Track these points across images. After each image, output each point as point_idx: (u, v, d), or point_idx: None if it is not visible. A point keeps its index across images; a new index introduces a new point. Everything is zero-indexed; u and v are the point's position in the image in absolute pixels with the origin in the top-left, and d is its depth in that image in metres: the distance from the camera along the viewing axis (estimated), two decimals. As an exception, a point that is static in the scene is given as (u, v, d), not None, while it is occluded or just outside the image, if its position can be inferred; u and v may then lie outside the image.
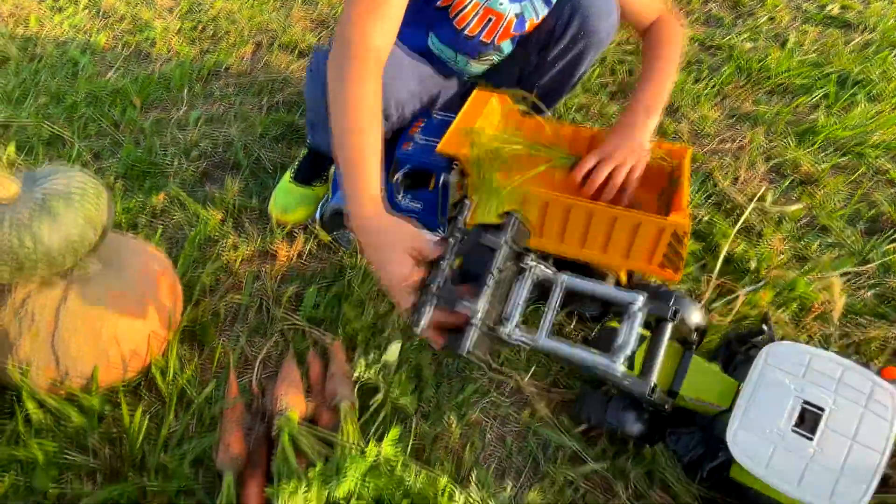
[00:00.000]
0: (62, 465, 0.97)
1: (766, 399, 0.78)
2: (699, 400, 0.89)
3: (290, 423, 0.93)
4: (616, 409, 0.95)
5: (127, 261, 1.07)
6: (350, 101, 0.90)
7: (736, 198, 1.54)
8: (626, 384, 0.77)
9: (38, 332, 0.95)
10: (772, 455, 0.74)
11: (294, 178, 1.44)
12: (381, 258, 0.82)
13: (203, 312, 1.22)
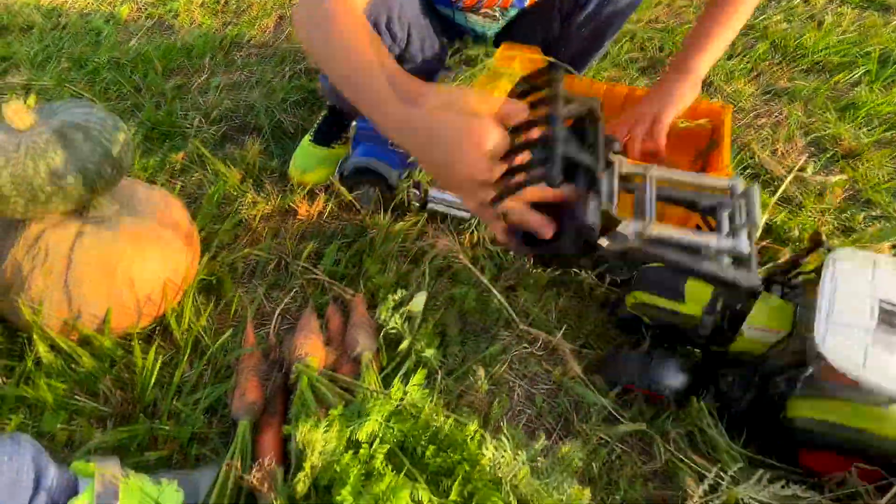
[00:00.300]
0: (71, 408, 0.93)
1: (843, 303, 0.75)
2: (763, 328, 0.83)
3: (309, 369, 0.89)
4: (658, 364, 0.89)
5: (144, 205, 1.04)
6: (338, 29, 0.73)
7: (774, 169, 1.48)
8: (733, 276, 0.70)
9: (51, 269, 0.92)
10: (865, 355, 0.71)
11: (313, 140, 1.41)
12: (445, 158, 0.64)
13: (220, 266, 1.18)
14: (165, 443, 0.89)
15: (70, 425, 0.92)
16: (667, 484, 0.88)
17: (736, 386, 0.86)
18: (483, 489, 0.69)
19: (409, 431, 0.75)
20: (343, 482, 0.67)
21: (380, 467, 0.70)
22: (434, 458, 0.72)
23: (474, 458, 0.71)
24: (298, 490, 0.68)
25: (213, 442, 0.90)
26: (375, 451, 0.72)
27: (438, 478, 0.73)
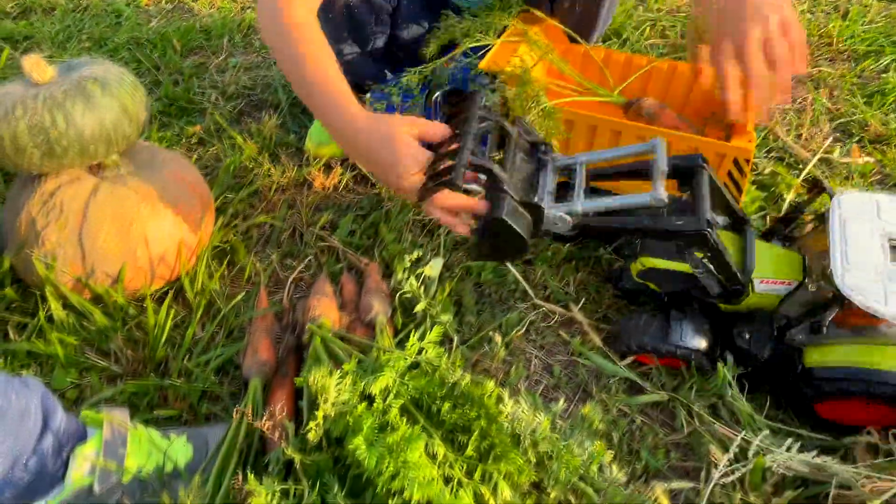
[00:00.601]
0: (82, 366, 0.92)
1: (855, 242, 0.75)
2: (773, 280, 0.81)
3: (322, 328, 0.87)
4: (678, 326, 0.86)
5: (160, 167, 1.03)
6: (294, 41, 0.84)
7: (798, 153, 1.44)
8: (678, 224, 0.74)
9: (65, 223, 0.91)
10: (885, 291, 0.70)
11: (330, 116, 1.40)
12: (387, 155, 0.76)
13: (235, 234, 1.17)
14: (176, 401, 0.88)
15: (80, 383, 0.91)
16: (689, 456, 0.85)
17: (754, 341, 0.83)
18: (501, 444, 0.66)
19: (425, 388, 0.73)
20: (356, 433, 0.65)
21: (394, 421, 0.68)
22: (450, 415, 0.70)
23: (492, 414, 0.69)
24: (310, 438, 0.66)
25: (223, 401, 0.89)
26: (390, 404, 0.69)
27: (454, 435, 0.71)
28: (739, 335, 0.85)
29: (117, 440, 0.71)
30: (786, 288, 0.82)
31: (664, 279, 0.89)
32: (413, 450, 0.63)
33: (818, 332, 0.77)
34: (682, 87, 1.18)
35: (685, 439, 0.87)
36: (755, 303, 0.85)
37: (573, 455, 0.66)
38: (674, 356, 0.87)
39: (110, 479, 0.69)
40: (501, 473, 0.65)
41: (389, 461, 0.61)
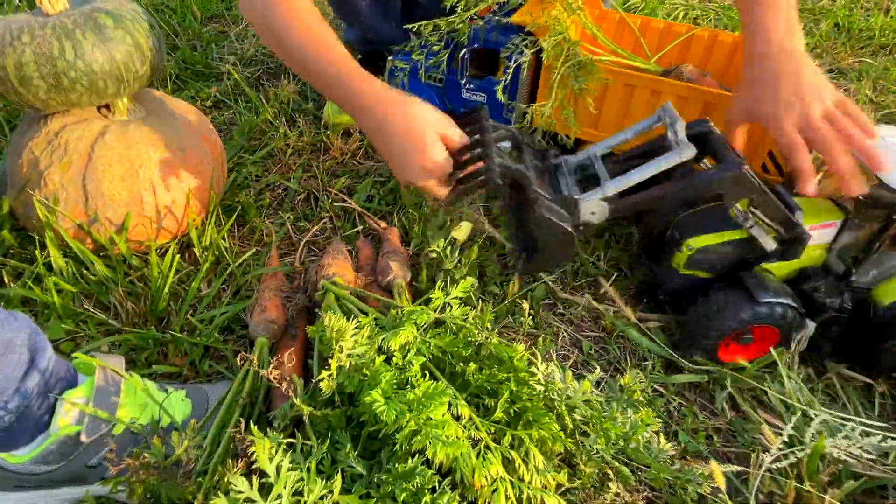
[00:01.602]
0: (79, 317, 0.86)
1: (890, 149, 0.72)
2: (820, 225, 0.77)
3: (336, 286, 0.80)
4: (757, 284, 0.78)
5: (173, 115, 0.97)
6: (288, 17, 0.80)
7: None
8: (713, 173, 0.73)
9: (69, 164, 0.85)
10: None
11: (350, 84, 1.35)
12: (409, 148, 0.73)
13: (247, 194, 1.11)
14: (176, 357, 0.81)
15: (76, 335, 0.85)
16: (731, 441, 0.78)
17: (826, 293, 0.77)
18: (533, 409, 0.59)
19: (449, 347, 0.66)
20: (372, 386, 0.58)
21: (414, 379, 0.61)
22: (476, 376, 0.63)
23: (523, 377, 0.62)
24: (322, 388, 0.59)
25: (227, 360, 0.83)
26: (410, 361, 0.63)
27: (480, 399, 0.64)
28: (815, 290, 0.79)
29: (110, 388, 0.65)
30: (831, 232, 0.78)
31: (716, 258, 0.82)
32: (437, 407, 0.56)
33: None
34: (723, 57, 1.11)
35: (725, 424, 0.79)
36: (805, 259, 0.80)
37: (615, 423, 0.59)
38: (769, 319, 0.77)
39: (100, 430, 0.62)
40: (533, 440, 0.58)
41: (410, 417, 0.54)
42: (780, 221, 0.76)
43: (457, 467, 0.53)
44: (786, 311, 0.77)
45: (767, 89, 0.77)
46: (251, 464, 0.54)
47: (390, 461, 0.55)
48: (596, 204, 0.75)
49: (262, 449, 0.50)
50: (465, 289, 0.70)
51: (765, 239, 0.78)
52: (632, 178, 0.74)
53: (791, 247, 0.78)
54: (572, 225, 0.76)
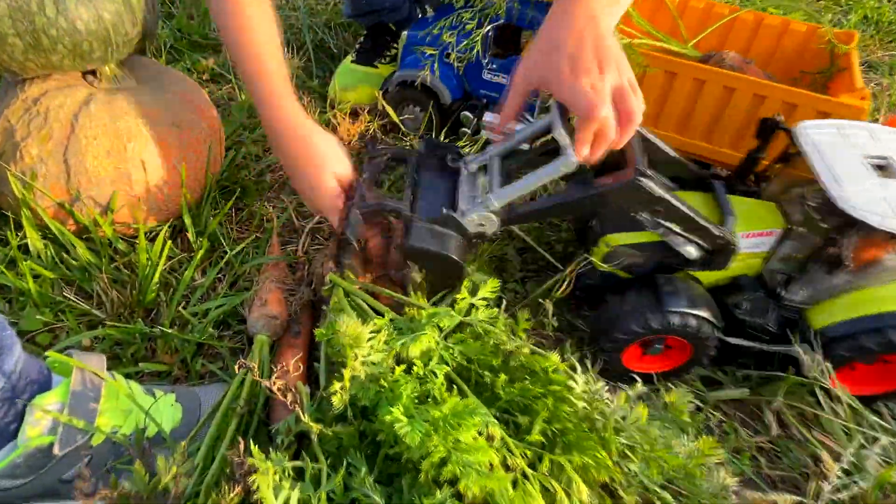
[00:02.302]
0: (59, 307, 0.77)
1: (838, 164, 0.68)
2: (755, 233, 0.71)
3: (346, 278, 0.72)
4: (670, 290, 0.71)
5: (166, 85, 0.88)
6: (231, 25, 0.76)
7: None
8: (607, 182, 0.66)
9: (49, 135, 0.76)
10: (892, 207, 0.64)
11: (356, 60, 1.26)
12: (310, 182, 0.76)
13: (247, 175, 1.03)
14: (166, 354, 0.73)
15: (55, 326, 0.76)
16: (776, 462, 0.71)
17: (754, 310, 0.71)
18: (576, 430, 0.52)
19: (475, 354, 0.58)
20: (391, 401, 0.51)
21: (437, 392, 0.53)
22: (508, 389, 0.55)
23: (561, 393, 0.54)
24: (334, 403, 0.51)
25: (223, 359, 0.75)
26: (433, 370, 0.55)
27: (511, 416, 0.56)
28: (736, 306, 0.72)
29: (88, 392, 0.56)
30: (769, 241, 0.71)
31: (634, 258, 0.75)
32: (465, 428, 0.48)
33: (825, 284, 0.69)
34: (768, 42, 1.03)
35: (768, 442, 0.73)
36: (741, 268, 0.73)
37: (668, 450, 0.52)
38: (675, 330, 0.70)
39: (75, 440, 0.54)
40: (574, 466, 0.50)
41: (437, 442, 0.46)
42: (697, 232, 0.69)
43: (493, 502, 0.45)
44: (700, 325, 0.70)
45: (561, 48, 0.64)
46: (249, 490, 0.47)
47: (412, 489, 0.47)
48: (484, 217, 0.69)
49: (265, 479, 0.43)
50: (492, 289, 0.62)
51: (683, 247, 0.70)
52: (516, 189, 0.67)
53: (717, 256, 0.71)
54: (461, 248, 0.69)
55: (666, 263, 0.73)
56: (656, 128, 0.93)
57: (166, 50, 1.34)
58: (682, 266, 0.73)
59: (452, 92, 1.08)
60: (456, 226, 0.69)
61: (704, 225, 0.67)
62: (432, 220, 0.69)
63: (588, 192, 0.66)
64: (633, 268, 0.75)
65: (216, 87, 1.27)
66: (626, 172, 0.65)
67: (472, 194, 0.72)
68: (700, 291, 0.72)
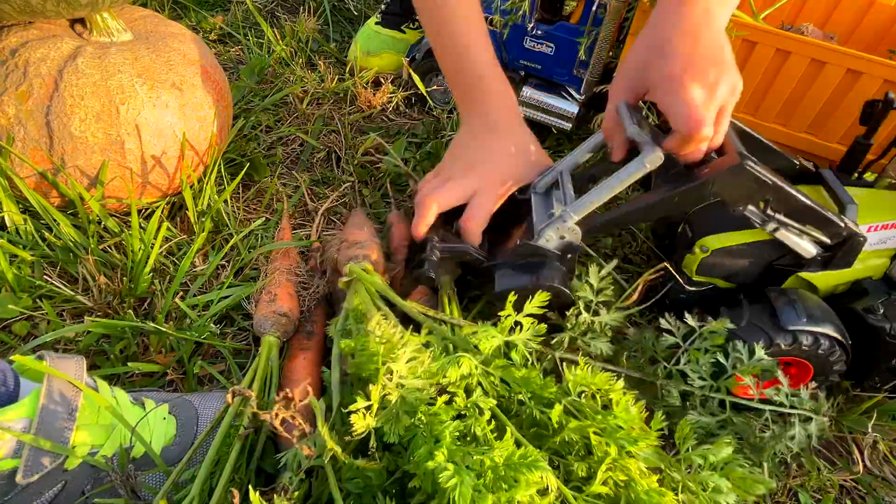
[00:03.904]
0: (38, 291, 0.68)
1: None
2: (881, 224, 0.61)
3: (366, 271, 0.62)
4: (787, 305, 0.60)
5: (167, 42, 0.77)
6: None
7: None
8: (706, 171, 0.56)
9: (29, 92, 0.66)
10: None
11: (380, 23, 1.13)
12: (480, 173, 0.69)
13: (256, 147, 0.92)
14: (160, 353, 0.64)
15: (34, 315, 0.67)
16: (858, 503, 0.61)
17: (886, 315, 0.60)
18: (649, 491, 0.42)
19: (524, 384, 0.48)
20: (428, 440, 0.41)
21: (480, 431, 0.43)
22: (570, 427, 0.45)
23: (630, 435, 0.44)
24: (355, 427, 0.41)
25: (223, 360, 0.65)
26: (476, 403, 0.45)
27: (560, 458, 0.46)
28: (869, 311, 0.61)
29: (62, 405, 0.47)
30: (894, 233, 0.61)
31: (737, 263, 0.64)
32: (522, 487, 0.38)
33: None
34: (849, 16, 0.90)
35: (849, 480, 0.63)
36: (861, 270, 0.63)
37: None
38: (796, 350, 0.60)
39: (44, 467, 0.45)
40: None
41: (492, 500, 0.37)
42: (815, 222, 0.59)
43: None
44: (820, 345, 0.59)
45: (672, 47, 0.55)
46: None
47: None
48: (570, 230, 0.62)
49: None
50: (541, 302, 0.52)
51: (799, 243, 0.60)
52: (594, 196, 0.60)
53: (839, 252, 0.61)
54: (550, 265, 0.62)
55: (776, 267, 0.63)
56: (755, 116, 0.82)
57: (169, 5, 1.22)
58: (794, 269, 0.63)
59: (488, 62, 0.96)
60: (537, 252, 0.63)
61: (824, 214, 0.57)
62: (512, 257, 0.64)
63: (685, 185, 0.57)
64: (737, 275, 0.64)
65: (224, 48, 1.16)
66: (728, 158, 0.55)
67: (548, 214, 0.64)
68: (818, 302, 0.61)
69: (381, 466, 0.44)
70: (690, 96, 0.52)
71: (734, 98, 0.54)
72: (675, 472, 0.47)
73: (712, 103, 0.52)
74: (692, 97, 0.52)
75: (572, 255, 0.63)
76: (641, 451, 0.45)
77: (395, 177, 0.89)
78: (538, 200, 0.68)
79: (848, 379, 0.67)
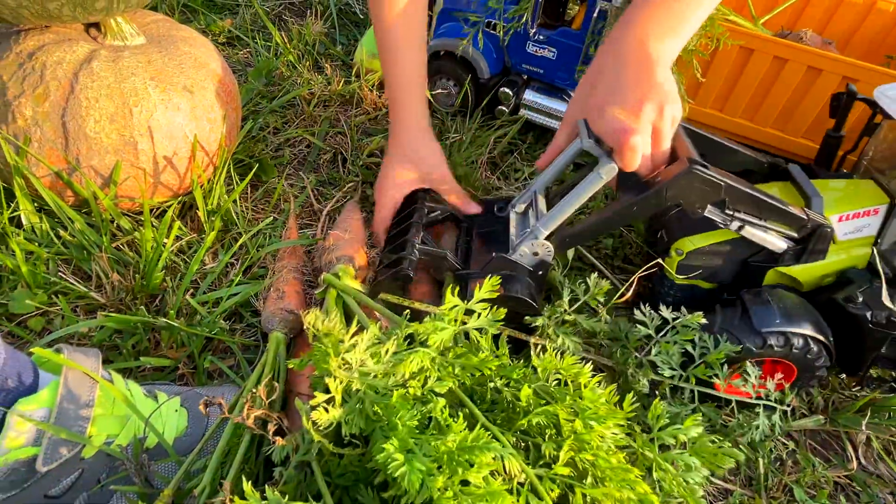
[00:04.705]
0: (53, 287, 0.69)
1: None
2: (853, 209, 0.62)
3: (344, 273, 0.64)
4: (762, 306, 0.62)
5: (178, 46, 0.79)
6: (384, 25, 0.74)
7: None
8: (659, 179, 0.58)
9: (45, 94, 0.68)
10: None
11: (389, 26, 1.15)
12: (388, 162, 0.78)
13: (264, 148, 0.94)
14: (171, 348, 0.65)
15: (49, 311, 0.69)
16: (852, 501, 0.63)
17: (874, 301, 0.61)
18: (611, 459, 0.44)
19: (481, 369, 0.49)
20: (386, 431, 0.42)
21: (441, 416, 0.45)
22: (538, 410, 0.46)
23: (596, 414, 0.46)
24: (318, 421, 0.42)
25: (233, 355, 0.67)
26: (432, 388, 0.46)
27: (530, 437, 0.48)
28: (849, 300, 0.62)
29: (79, 397, 0.49)
30: (873, 221, 0.62)
31: (712, 263, 0.66)
32: (478, 468, 0.40)
33: None
34: (848, 21, 0.92)
35: (843, 476, 0.64)
36: (843, 261, 0.64)
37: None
38: (769, 352, 0.61)
39: (62, 455, 0.47)
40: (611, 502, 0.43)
41: (444, 484, 0.38)
42: (776, 217, 0.60)
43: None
44: (797, 345, 0.60)
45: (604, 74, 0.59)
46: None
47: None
48: (542, 246, 0.65)
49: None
50: (491, 288, 0.53)
51: (766, 238, 0.61)
52: (558, 211, 0.63)
53: (808, 245, 0.62)
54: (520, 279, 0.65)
55: (752, 265, 0.64)
56: (723, 113, 0.83)
57: (179, 9, 1.24)
58: (769, 265, 0.64)
59: (491, 66, 0.98)
60: (510, 265, 0.65)
61: (781, 207, 0.59)
62: (485, 270, 0.66)
63: (642, 194, 0.59)
64: (715, 275, 0.66)
65: (232, 50, 1.18)
66: (677, 165, 0.58)
67: (523, 232, 0.67)
68: (795, 301, 0.62)
69: (359, 453, 0.45)
70: (612, 116, 0.55)
71: (666, 117, 0.55)
72: (647, 451, 0.48)
73: (638, 122, 0.54)
74: (613, 116, 0.55)
75: (543, 272, 0.66)
76: (609, 429, 0.46)
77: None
78: (516, 219, 0.72)
79: (843, 371, 0.68)
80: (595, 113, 0.58)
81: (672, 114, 0.55)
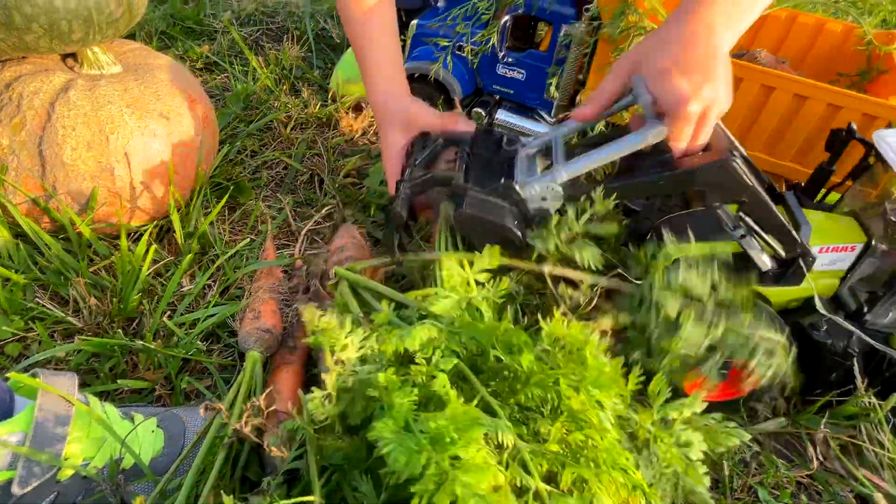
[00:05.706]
0: (30, 313, 0.70)
1: None
2: (834, 246, 0.64)
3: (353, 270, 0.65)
4: None
5: (155, 73, 0.81)
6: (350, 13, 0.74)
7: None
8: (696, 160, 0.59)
9: (22, 124, 0.69)
10: None
11: (363, 52, 1.18)
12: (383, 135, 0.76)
13: (241, 171, 0.96)
14: (148, 370, 0.66)
15: (26, 336, 0.69)
16: (815, 500, 0.65)
17: (836, 333, 0.64)
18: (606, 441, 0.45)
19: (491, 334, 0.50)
20: (383, 412, 0.44)
21: (442, 391, 0.46)
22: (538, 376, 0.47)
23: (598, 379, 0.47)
24: (314, 412, 0.44)
25: (210, 376, 0.68)
26: (437, 366, 0.48)
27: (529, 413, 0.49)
28: (814, 327, 0.65)
29: (55, 419, 0.49)
30: (848, 257, 0.65)
31: None
32: (467, 443, 0.41)
33: None
34: (801, 41, 0.97)
35: (805, 476, 0.67)
36: (817, 286, 0.66)
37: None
38: None
39: (38, 477, 0.47)
40: (602, 484, 0.44)
41: (432, 458, 0.40)
42: (778, 233, 0.62)
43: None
44: None
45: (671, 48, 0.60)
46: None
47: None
48: (547, 189, 0.63)
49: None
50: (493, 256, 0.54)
51: (758, 255, 0.64)
52: (583, 163, 0.61)
53: (791, 269, 0.64)
54: (516, 218, 0.63)
55: None
56: None
57: (157, 36, 1.27)
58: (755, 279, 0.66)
59: (464, 87, 1.01)
60: (515, 198, 0.63)
61: (788, 227, 0.61)
62: (489, 192, 0.63)
63: (673, 171, 0.59)
64: None
65: (210, 76, 1.20)
66: (716, 152, 0.59)
67: (531, 173, 0.65)
68: (767, 311, 0.65)
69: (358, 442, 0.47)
70: (677, 83, 0.56)
71: (716, 108, 0.57)
72: (649, 424, 0.49)
73: (696, 98, 0.56)
74: (678, 83, 0.56)
75: (538, 223, 0.64)
76: (610, 398, 0.48)
77: (377, 196, 0.93)
78: (523, 160, 0.68)
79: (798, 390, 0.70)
80: (658, 74, 0.58)
81: (720, 109, 0.57)
